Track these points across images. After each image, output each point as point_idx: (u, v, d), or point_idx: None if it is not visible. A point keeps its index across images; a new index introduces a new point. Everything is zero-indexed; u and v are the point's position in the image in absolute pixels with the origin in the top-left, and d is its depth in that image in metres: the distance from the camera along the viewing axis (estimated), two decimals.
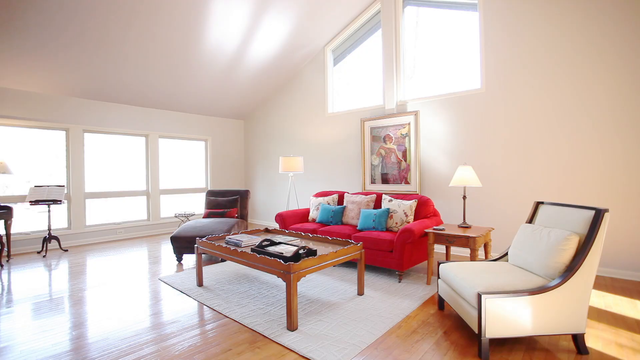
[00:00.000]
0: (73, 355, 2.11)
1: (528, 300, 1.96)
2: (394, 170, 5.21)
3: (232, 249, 2.89)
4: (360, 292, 3.07)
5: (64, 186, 4.74)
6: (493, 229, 3.34)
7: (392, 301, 2.92)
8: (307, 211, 4.89)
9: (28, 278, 3.69)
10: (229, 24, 4.75)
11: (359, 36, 5.78)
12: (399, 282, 3.41)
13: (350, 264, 4.09)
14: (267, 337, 2.32)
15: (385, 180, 5.32)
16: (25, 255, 4.66)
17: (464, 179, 3.41)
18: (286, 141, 6.85)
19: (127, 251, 4.90)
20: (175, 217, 5.91)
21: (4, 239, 4.47)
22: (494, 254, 4.25)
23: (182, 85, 5.77)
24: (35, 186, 4.62)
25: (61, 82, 4.87)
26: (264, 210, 7.35)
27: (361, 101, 5.80)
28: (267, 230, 4.08)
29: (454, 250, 4.65)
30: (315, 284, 3.37)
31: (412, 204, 3.77)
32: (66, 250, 4.89)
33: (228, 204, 5.29)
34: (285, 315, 2.57)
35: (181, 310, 2.79)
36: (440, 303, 2.76)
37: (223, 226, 4.52)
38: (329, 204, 4.65)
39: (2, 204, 4.29)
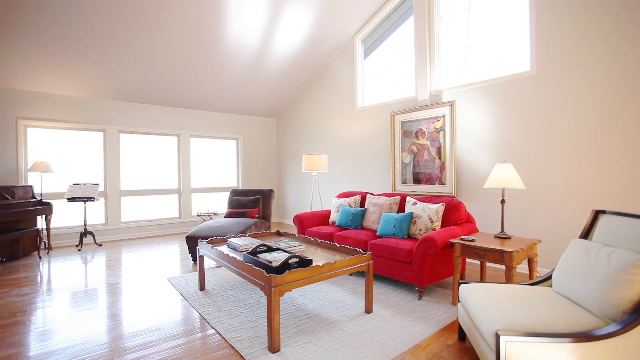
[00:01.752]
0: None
1: (571, 349, 1.40)
2: (427, 169, 4.62)
3: (224, 253, 2.67)
4: (368, 310, 2.65)
5: (98, 184, 4.99)
6: (540, 241, 2.67)
7: (403, 323, 2.46)
8: (328, 213, 4.54)
9: (58, 270, 3.88)
10: (245, 19, 4.59)
11: (391, 23, 5.26)
12: (419, 299, 2.91)
13: None
14: (243, 358, 2.03)
15: (417, 180, 4.76)
16: (65, 248, 5.00)
17: (501, 179, 2.79)
18: (316, 139, 6.56)
19: (154, 248, 5.01)
20: (198, 216, 5.95)
21: (43, 233, 4.82)
22: (542, 270, 3.49)
23: (210, 84, 5.79)
24: (73, 184, 4.93)
25: (98, 86, 5.15)
26: (295, 210, 7.14)
27: (392, 94, 5.28)
28: (278, 233, 3.83)
29: (495, 266, 3.94)
30: (321, 296, 3.02)
31: (438, 208, 3.22)
32: (100, 245, 5.16)
33: (250, 203, 5.16)
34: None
35: (171, 316, 2.64)
36: (462, 332, 2.23)
37: (239, 227, 4.37)
38: (350, 205, 4.25)
39: (43, 200, 4.63)
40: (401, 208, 3.78)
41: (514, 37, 3.80)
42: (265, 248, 2.75)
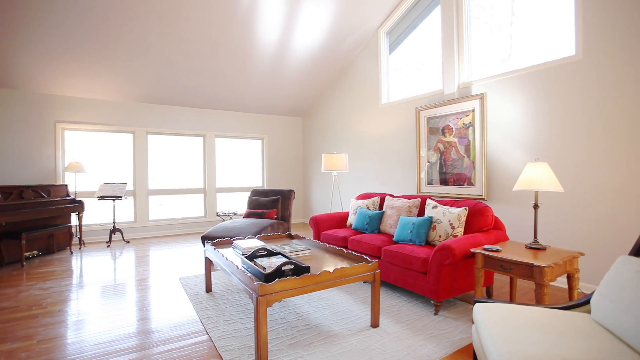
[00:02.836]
0: None
1: None
2: (455, 168, 4.23)
3: (222, 255, 2.57)
4: (374, 324, 2.41)
5: (126, 184, 5.20)
6: (582, 254, 2.25)
7: (411, 342, 2.18)
8: (347, 215, 4.32)
9: (85, 265, 4.07)
10: (266, 16, 4.51)
11: (417, 14, 4.91)
12: (435, 314, 2.60)
13: (383, 282, 3.37)
14: None
15: (444, 180, 4.37)
16: (96, 244, 5.28)
17: (534, 181, 2.39)
18: (341, 137, 6.35)
19: (178, 246, 5.12)
20: (217, 215, 6.00)
21: (74, 229, 5.11)
22: (587, 287, 2.98)
23: (234, 84, 5.82)
24: (104, 183, 5.18)
25: (128, 89, 5.38)
26: (320, 211, 6.99)
27: (417, 88, 4.92)
28: (289, 236, 3.68)
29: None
30: (328, 304, 2.82)
31: (460, 212, 2.87)
32: (128, 242, 5.38)
33: (269, 204, 5.08)
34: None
35: (171, 318, 2.59)
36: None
37: (253, 228, 4.29)
38: (368, 207, 4.00)
39: (76, 199, 4.91)
40: (421, 211, 3.46)
41: (556, 18, 3.32)
42: (266, 252, 2.61)
